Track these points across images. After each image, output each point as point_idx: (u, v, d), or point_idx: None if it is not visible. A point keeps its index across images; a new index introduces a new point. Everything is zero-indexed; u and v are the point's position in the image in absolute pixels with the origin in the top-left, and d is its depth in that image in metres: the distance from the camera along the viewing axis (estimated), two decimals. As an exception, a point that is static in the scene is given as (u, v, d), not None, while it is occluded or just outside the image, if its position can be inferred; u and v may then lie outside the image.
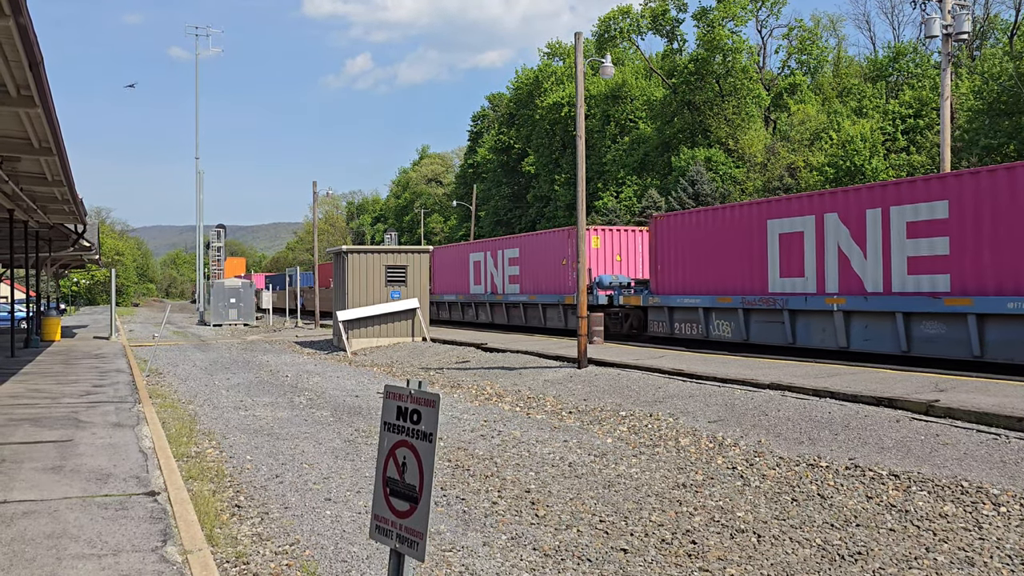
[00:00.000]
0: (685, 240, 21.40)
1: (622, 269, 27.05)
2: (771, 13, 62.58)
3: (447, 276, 37.06)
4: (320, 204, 67.51)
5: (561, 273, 27.12)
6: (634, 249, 27.53)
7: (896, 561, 6.17)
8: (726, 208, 20.73)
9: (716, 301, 20.04)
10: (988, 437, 9.29)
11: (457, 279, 35.70)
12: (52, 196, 19.20)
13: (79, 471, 8.47)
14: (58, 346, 27.82)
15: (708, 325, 20.50)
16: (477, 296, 33.50)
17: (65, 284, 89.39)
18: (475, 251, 34.59)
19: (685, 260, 21.37)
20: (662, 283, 22.06)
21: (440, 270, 37.74)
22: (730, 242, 19.88)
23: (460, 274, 35.31)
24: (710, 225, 20.75)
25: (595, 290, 24.68)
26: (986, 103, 40.09)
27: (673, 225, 22.07)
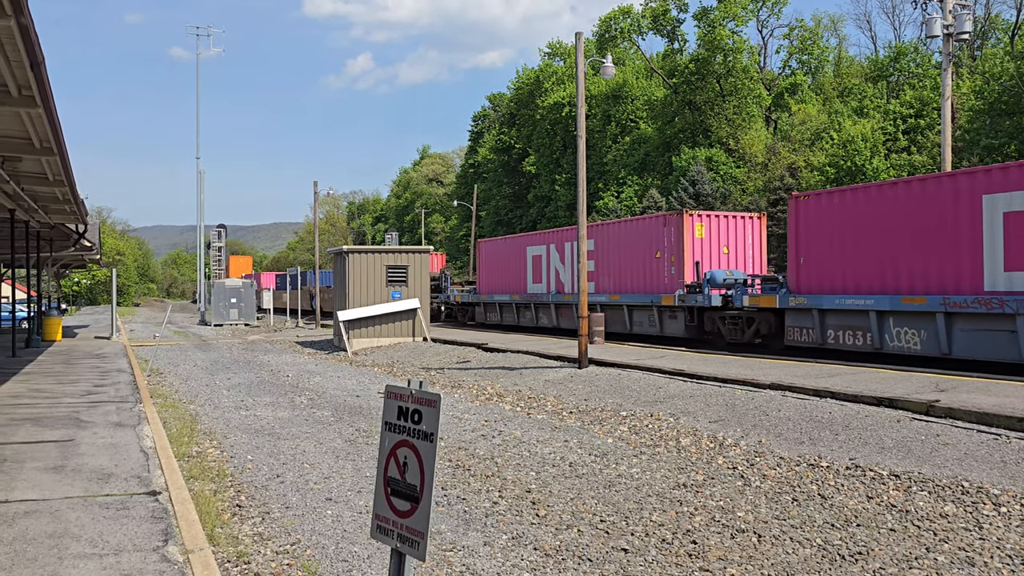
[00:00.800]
0: (845, 225, 17.08)
1: (729, 263, 22.97)
2: (772, 13, 62.59)
3: (497, 273, 32.81)
4: (321, 204, 67.59)
5: (654, 268, 23.39)
6: (742, 239, 23.33)
7: (896, 561, 6.18)
8: (912, 182, 16.31)
9: (899, 303, 15.67)
10: (989, 437, 9.29)
11: (510, 276, 31.49)
12: (53, 196, 19.23)
13: (80, 471, 8.48)
14: (59, 346, 27.85)
15: (883, 333, 16.08)
16: (538, 296, 29.32)
17: (66, 284, 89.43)
18: (535, 243, 30.06)
19: (845, 250, 17.05)
20: (807, 279, 17.80)
21: (488, 266, 33.62)
22: (919, 225, 15.57)
23: (514, 271, 31.14)
24: (886, 205, 16.38)
25: (705, 289, 20.98)
26: (987, 103, 40.07)
27: (826, 207, 17.69)
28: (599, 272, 25.91)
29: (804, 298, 17.70)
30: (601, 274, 25.83)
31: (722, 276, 21.14)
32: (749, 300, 19.41)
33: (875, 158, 43.38)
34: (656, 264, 23.29)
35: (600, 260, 25.94)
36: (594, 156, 63.20)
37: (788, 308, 18.13)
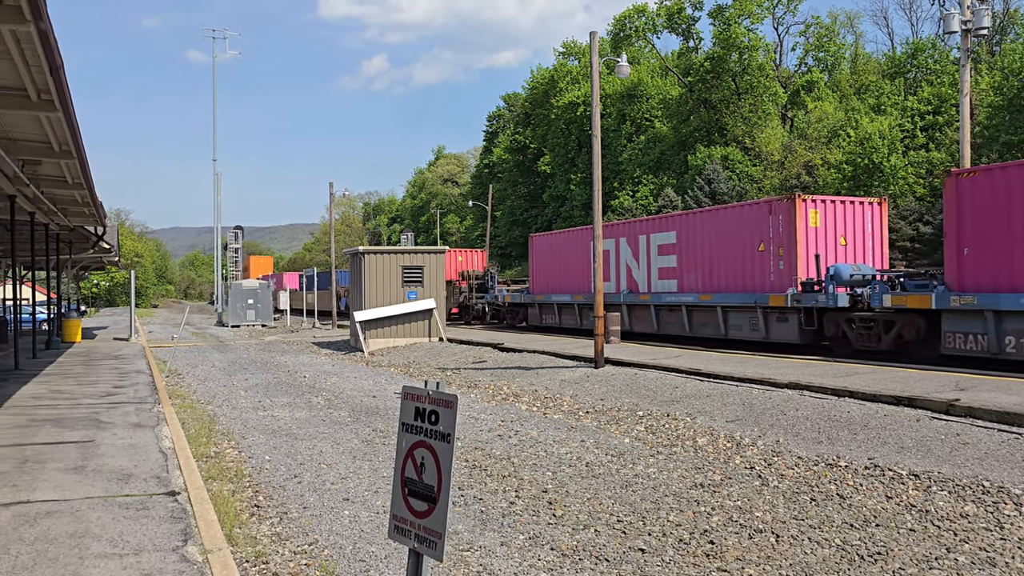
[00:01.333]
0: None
1: (847, 256, 19.75)
2: (788, 10, 62.27)
3: (554, 270, 29.79)
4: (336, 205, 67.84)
5: (755, 263, 20.32)
6: (860, 228, 20.15)
7: (916, 561, 6.13)
8: None
9: None
10: (1010, 436, 9.20)
11: (571, 274, 28.33)
12: (72, 199, 19.42)
13: (100, 471, 8.56)
14: (79, 347, 28.10)
15: None
16: (606, 296, 25.57)
17: (85, 286, 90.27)
18: (601, 237, 26.32)
19: None
20: (974, 275, 14.77)
21: (542, 263, 30.71)
22: None
23: (574, 268, 28.00)
24: None
25: (829, 286, 17.95)
26: (1006, 99, 39.66)
27: (1001, 184, 14.50)
28: (682, 268, 23.01)
29: (973, 297, 14.56)
30: (685, 271, 22.88)
31: (848, 271, 18.01)
32: (893, 300, 16.25)
33: (893, 155, 43.03)
34: (759, 258, 20.17)
35: (684, 255, 22.99)
36: (609, 155, 63.08)
37: (947, 310, 15.08)
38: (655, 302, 23.94)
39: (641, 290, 24.92)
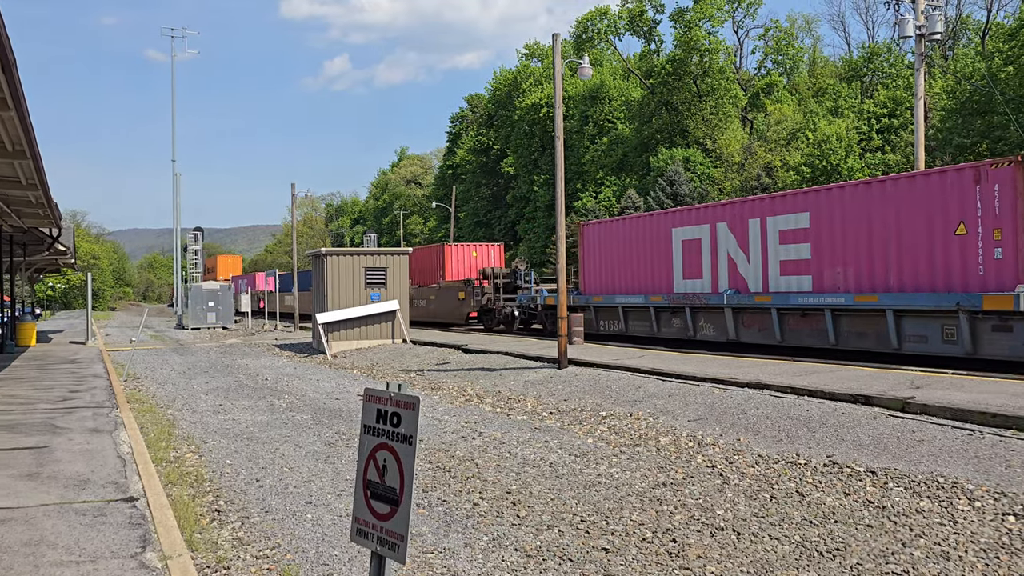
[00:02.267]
0: None
1: None
2: (747, 14, 63.05)
3: (616, 266, 24.39)
4: (299, 206, 67.21)
5: (952, 251, 15.14)
6: None
7: (874, 556, 6.25)
8: None
9: None
10: (963, 433, 9.42)
11: (644, 270, 23.07)
12: (26, 200, 18.99)
13: (56, 477, 8.39)
14: (33, 351, 27.50)
15: None
16: (696, 297, 20.76)
17: (40, 288, 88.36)
18: (688, 222, 21.60)
19: None
20: None
21: (599, 257, 25.18)
22: None
23: (651, 261, 22.83)
24: None
25: None
26: (959, 102, 40.59)
27: None
28: (820, 260, 17.83)
29: None
30: (825, 263, 17.71)
31: None
32: None
33: (850, 157, 43.82)
34: (957, 245, 15.03)
35: (822, 242, 17.83)
36: (572, 157, 63.33)
37: None
38: (779, 304, 18.32)
39: (753, 288, 19.38)
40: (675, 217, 22.51)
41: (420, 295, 37.99)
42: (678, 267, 21.90)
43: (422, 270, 39.21)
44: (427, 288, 37.95)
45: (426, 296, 37.80)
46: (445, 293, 35.86)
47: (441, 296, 36.16)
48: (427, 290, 37.87)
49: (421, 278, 38.98)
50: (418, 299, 37.76)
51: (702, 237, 21.14)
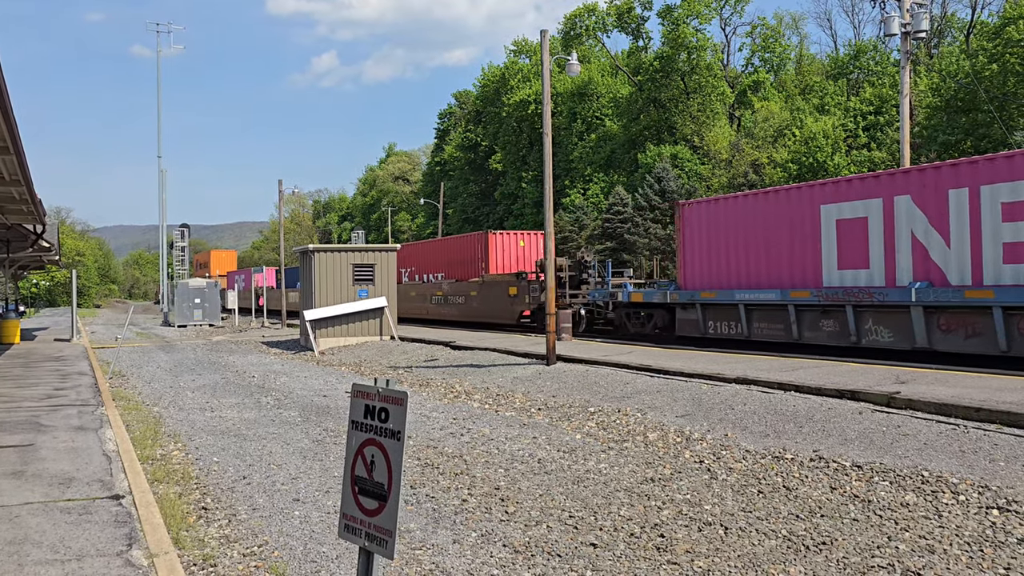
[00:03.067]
0: None
1: None
2: (735, 11, 63.30)
3: (730, 253, 19.84)
4: (286, 203, 66.95)
5: None
6: None
7: (860, 550, 6.29)
8: None
9: None
10: (947, 427, 9.49)
11: (772, 258, 18.61)
12: (10, 196, 18.82)
13: (41, 476, 8.33)
14: (17, 349, 27.28)
15: None
16: (863, 292, 16.22)
17: (24, 285, 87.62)
18: (845, 198, 17.09)
19: None
20: None
21: (707, 242, 20.58)
22: None
23: (783, 247, 18.30)
24: None
25: None
26: (944, 100, 40.84)
27: None
28: None
29: None
30: None
31: None
32: None
33: (836, 155, 44.03)
34: None
35: None
36: (560, 153, 63.36)
37: None
38: (1007, 301, 13.73)
39: (957, 281, 14.85)
40: (824, 191, 17.61)
41: (456, 291, 32.75)
42: (830, 254, 17.23)
43: (457, 262, 33.98)
44: (465, 283, 32.07)
45: (464, 292, 31.91)
46: (490, 289, 29.64)
47: (485, 292, 30.01)
48: (465, 285, 31.96)
49: (456, 271, 33.85)
50: (453, 296, 32.93)
51: (868, 215, 16.47)
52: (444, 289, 33.98)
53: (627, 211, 49.08)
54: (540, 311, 25.13)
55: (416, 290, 37.39)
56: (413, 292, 37.33)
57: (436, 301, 34.92)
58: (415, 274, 38.69)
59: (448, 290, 33.64)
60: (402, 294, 34.49)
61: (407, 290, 37.31)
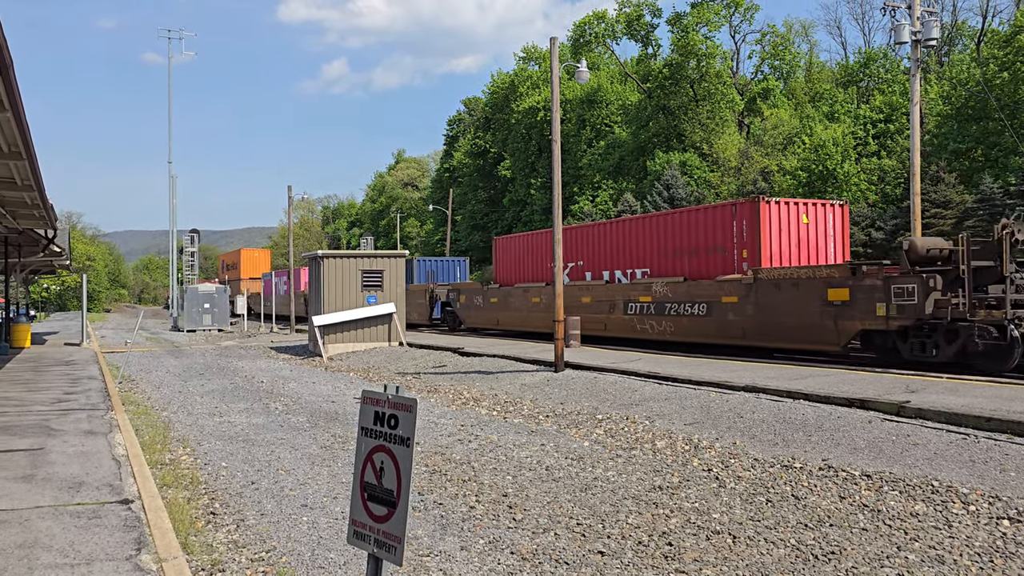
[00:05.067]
0: None
1: None
2: (744, 19, 63.26)
3: None
4: (295, 208, 67.03)
5: None
6: None
7: (868, 560, 6.26)
8: None
9: None
10: (958, 437, 9.44)
11: None
12: (21, 201, 18.94)
13: (51, 479, 8.36)
14: (28, 353, 27.42)
15: None
16: None
17: (35, 290, 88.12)
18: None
19: None
20: None
21: None
22: None
23: None
24: None
25: None
26: (954, 108, 40.75)
27: None
28: None
29: None
30: None
31: None
32: None
33: (846, 162, 43.94)
34: None
35: None
36: (569, 160, 63.41)
37: None
38: None
39: None
40: None
41: (685, 296, 20.99)
42: None
43: (682, 251, 22.13)
44: (708, 284, 20.36)
45: (705, 298, 20.38)
46: (777, 293, 18.10)
47: (765, 297, 18.43)
48: (708, 287, 20.29)
49: (679, 264, 22.17)
50: (679, 303, 21.11)
51: None
52: (658, 292, 21.76)
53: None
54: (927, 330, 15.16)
55: (593, 293, 24.40)
56: (587, 297, 24.54)
57: (639, 311, 22.41)
58: (582, 271, 26.03)
59: (666, 294, 21.48)
60: (569, 300, 23.74)
61: (575, 294, 24.69)
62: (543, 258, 27.49)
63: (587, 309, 24.38)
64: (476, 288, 31.92)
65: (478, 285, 31.91)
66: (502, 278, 30.17)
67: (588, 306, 24.48)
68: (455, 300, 32.75)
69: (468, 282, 38.99)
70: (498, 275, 30.54)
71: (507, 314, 29.03)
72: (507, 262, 30.22)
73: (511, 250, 30.12)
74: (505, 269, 30.25)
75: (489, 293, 30.30)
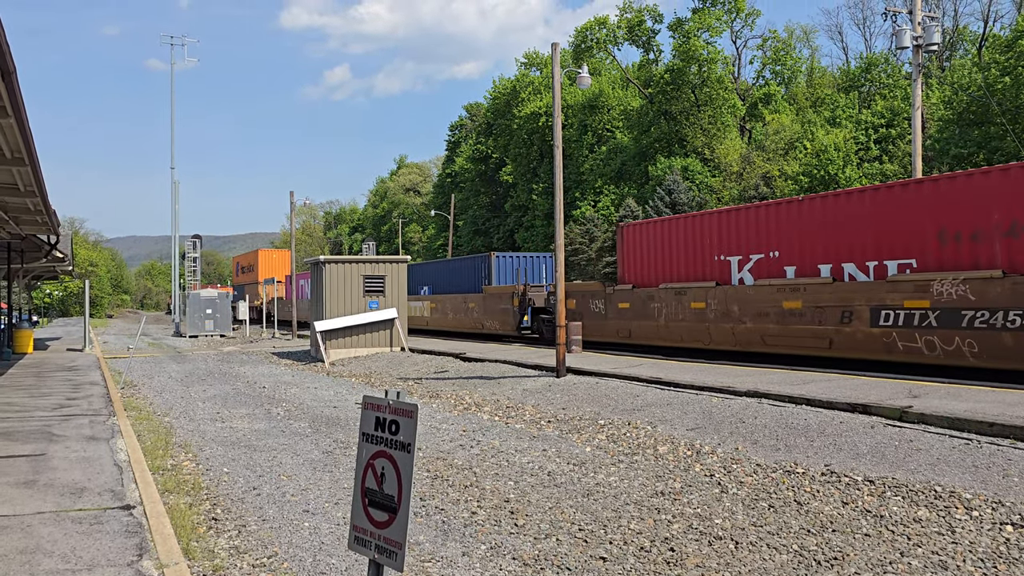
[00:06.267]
0: None
1: None
2: (745, 24, 63.32)
3: None
4: (297, 214, 67.10)
5: None
6: None
7: (871, 566, 6.24)
8: None
9: None
10: (960, 442, 9.42)
11: None
12: (24, 207, 18.98)
13: (53, 485, 8.36)
14: (31, 358, 27.45)
15: None
16: None
17: (38, 295, 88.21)
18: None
19: None
20: None
21: None
22: None
23: None
24: None
25: None
26: (956, 113, 40.75)
27: None
28: None
29: None
30: None
31: None
32: None
33: (848, 167, 43.95)
34: None
35: None
36: (571, 165, 63.45)
37: None
38: None
39: None
40: None
41: None
42: None
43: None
44: None
45: None
46: None
47: None
48: None
49: None
50: None
51: None
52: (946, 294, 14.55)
53: (637, 223, 49.04)
54: None
55: (807, 296, 17.23)
56: (794, 302, 17.54)
57: (904, 322, 15.17)
58: (777, 265, 18.48)
59: (964, 296, 14.31)
60: (756, 305, 18.39)
61: (769, 298, 18.16)
62: (704, 249, 20.61)
63: (793, 319, 17.48)
64: (593, 290, 24.68)
65: (597, 286, 24.96)
66: (634, 276, 23.02)
67: (795, 315, 17.43)
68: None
69: (581, 282, 32.89)
70: (626, 273, 23.37)
71: (645, 324, 21.97)
72: (642, 256, 22.84)
73: (650, 240, 22.61)
74: (638, 265, 22.95)
75: (616, 296, 23.20)
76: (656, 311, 21.63)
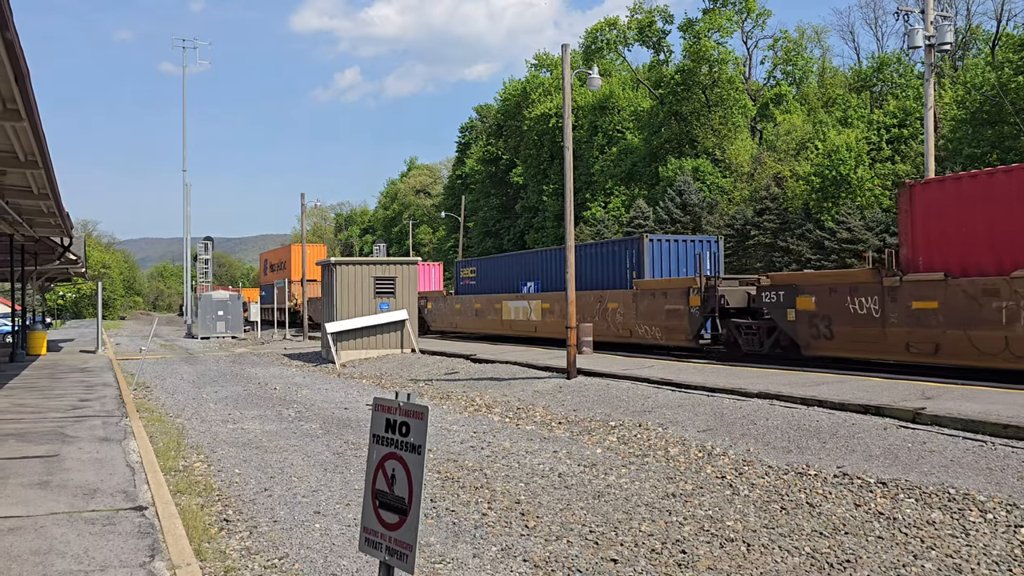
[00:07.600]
0: None
1: None
2: (756, 24, 63.15)
3: None
4: (308, 216, 67.28)
5: None
6: None
7: (884, 569, 6.20)
8: None
9: None
10: (974, 444, 9.35)
11: None
12: (38, 209, 19.11)
13: (66, 486, 8.41)
14: (44, 360, 27.62)
15: None
16: None
17: (51, 298, 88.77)
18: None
19: None
20: None
21: None
22: None
23: None
24: None
25: None
26: (969, 113, 40.51)
27: None
28: None
29: None
30: None
31: None
32: None
33: (860, 168, 43.72)
34: None
35: None
36: (581, 167, 63.40)
37: None
38: None
39: None
40: None
41: None
42: None
43: None
44: None
45: None
46: None
47: None
48: None
49: None
50: None
51: None
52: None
53: (648, 224, 48.99)
54: None
55: None
56: None
57: None
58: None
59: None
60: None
61: None
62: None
63: None
64: (855, 282, 16.32)
65: (864, 275, 16.13)
66: (943, 260, 14.79)
67: None
68: (775, 306, 18.01)
69: (818, 272, 21.56)
70: (921, 255, 15.19)
71: (977, 336, 13.99)
72: (960, 228, 14.58)
73: (981, 202, 14.31)
74: (952, 243, 14.70)
75: (908, 291, 15.16)
76: (1006, 314, 13.58)
